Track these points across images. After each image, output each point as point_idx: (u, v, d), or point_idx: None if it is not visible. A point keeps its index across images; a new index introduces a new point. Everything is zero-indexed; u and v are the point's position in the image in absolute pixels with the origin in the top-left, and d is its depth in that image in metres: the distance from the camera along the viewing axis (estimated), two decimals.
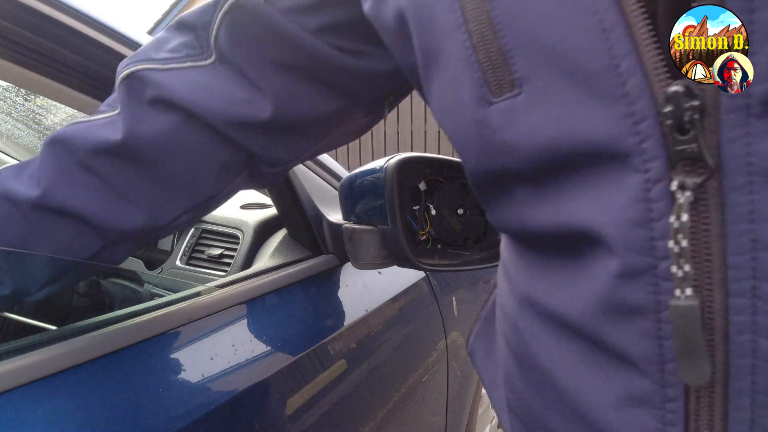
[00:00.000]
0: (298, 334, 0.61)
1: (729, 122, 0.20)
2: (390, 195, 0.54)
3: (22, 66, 0.44)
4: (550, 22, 0.22)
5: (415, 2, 0.28)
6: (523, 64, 0.24)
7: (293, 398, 0.54)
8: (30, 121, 1.34)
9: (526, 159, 0.25)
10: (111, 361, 0.42)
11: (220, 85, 0.40)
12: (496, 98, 0.25)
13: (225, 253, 0.86)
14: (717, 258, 0.21)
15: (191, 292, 0.55)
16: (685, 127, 0.20)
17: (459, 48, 0.26)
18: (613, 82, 0.21)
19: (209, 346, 0.50)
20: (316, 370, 0.59)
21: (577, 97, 0.22)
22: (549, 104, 0.23)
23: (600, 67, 0.21)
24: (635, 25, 0.21)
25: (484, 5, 0.24)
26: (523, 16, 0.23)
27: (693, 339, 0.21)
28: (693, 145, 0.20)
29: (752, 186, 0.20)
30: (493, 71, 0.25)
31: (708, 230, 0.21)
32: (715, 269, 0.21)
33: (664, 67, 0.21)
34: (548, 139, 0.24)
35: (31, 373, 0.37)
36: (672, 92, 0.20)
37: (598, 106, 0.22)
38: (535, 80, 0.24)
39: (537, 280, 0.28)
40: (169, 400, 0.43)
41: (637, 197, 0.22)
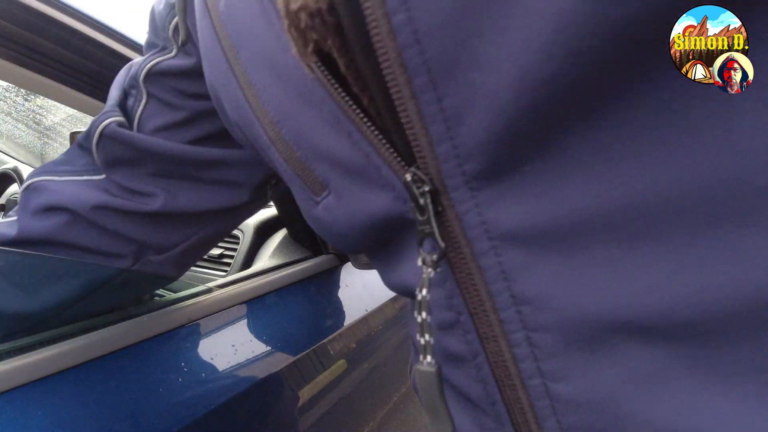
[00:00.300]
0: (298, 334, 0.61)
1: (458, 198, 0.22)
2: None
3: (22, 66, 0.44)
4: (317, 134, 0.26)
5: (242, 123, 0.31)
6: (319, 169, 0.27)
7: (293, 398, 0.54)
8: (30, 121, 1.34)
9: (361, 242, 0.29)
10: (111, 361, 0.42)
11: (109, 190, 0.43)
12: (317, 198, 0.29)
13: (225, 253, 0.86)
14: (491, 313, 0.23)
15: (191, 292, 0.55)
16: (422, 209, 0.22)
17: (280, 161, 0.29)
18: (374, 174, 0.24)
19: (209, 346, 0.50)
20: (316, 370, 0.59)
21: (362, 188, 0.25)
22: (349, 197, 0.26)
23: (360, 164, 0.24)
24: (363, 128, 0.23)
25: (276, 127, 0.28)
26: (301, 133, 0.27)
27: (434, 400, 0.23)
28: (427, 226, 0.22)
29: (496, 249, 0.22)
30: (306, 178, 0.28)
31: (478, 290, 0.23)
32: (494, 323, 0.23)
33: (396, 158, 0.23)
34: (361, 224, 0.27)
35: (31, 373, 0.37)
36: (406, 181, 0.22)
37: (377, 192, 0.25)
38: (332, 180, 0.27)
39: (411, 325, 0.32)
40: (169, 400, 0.43)
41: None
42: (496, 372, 0.24)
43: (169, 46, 0.42)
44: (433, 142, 0.21)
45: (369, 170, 0.24)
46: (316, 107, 0.25)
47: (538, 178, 0.20)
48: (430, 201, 0.22)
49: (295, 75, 0.25)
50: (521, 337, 0.22)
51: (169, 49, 0.42)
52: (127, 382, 0.42)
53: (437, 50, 0.19)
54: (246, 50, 0.28)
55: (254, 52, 0.27)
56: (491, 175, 0.21)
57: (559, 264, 0.21)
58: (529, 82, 0.17)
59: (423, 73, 0.20)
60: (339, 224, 0.28)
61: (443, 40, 0.19)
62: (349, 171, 0.25)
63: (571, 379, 0.22)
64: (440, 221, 0.23)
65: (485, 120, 0.19)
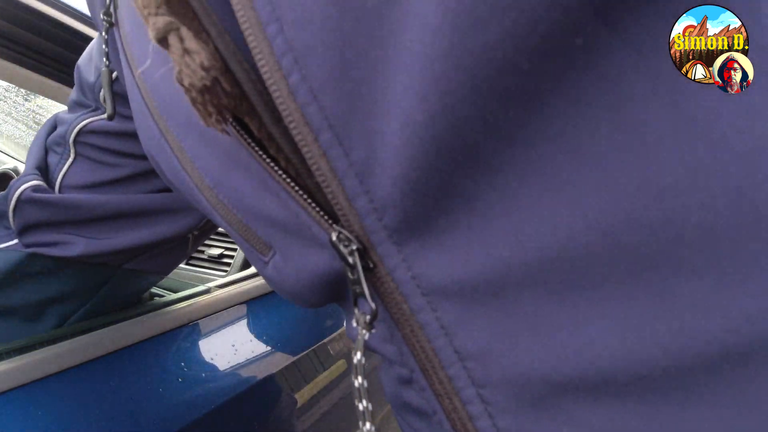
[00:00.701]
0: (298, 334, 0.61)
1: (384, 253, 0.21)
2: None
3: (22, 66, 0.44)
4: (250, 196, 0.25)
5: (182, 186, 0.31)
6: (260, 230, 0.26)
7: (293, 398, 0.54)
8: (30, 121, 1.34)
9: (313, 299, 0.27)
10: (111, 361, 0.42)
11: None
12: (265, 258, 0.28)
13: (225, 253, 0.86)
14: (440, 370, 0.22)
15: (191, 292, 0.55)
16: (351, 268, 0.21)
17: (224, 225, 0.29)
18: (307, 233, 0.23)
19: (209, 346, 0.50)
20: (316, 370, 0.59)
21: (301, 246, 0.25)
22: (292, 255, 0.26)
23: (293, 223, 0.24)
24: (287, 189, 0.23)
25: (213, 192, 0.27)
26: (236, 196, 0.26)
27: None
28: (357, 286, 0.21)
29: (432, 305, 0.21)
30: (251, 239, 0.28)
31: (423, 346, 0.22)
32: (443, 380, 0.22)
33: (323, 216, 0.22)
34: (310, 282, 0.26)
35: (31, 373, 0.37)
36: (332, 240, 0.21)
37: (315, 250, 0.24)
38: (275, 240, 0.26)
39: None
40: (169, 400, 0.43)
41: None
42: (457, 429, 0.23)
43: (101, 107, 0.43)
44: (350, 198, 0.20)
45: (302, 229, 0.23)
46: (243, 169, 0.25)
47: (454, 230, 0.19)
48: (359, 259, 0.21)
49: (221, 139, 0.25)
50: (472, 393, 0.21)
51: (101, 110, 0.43)
52: (127, 382, 0.42)
53: (332, 104, 0.19)
54: (174, 119, 0.27)
55: (181, 121, 0.27)
56: (409, 227, 0.20)
57: (494, 318, 0.20)
58: (415, 126, 0.17)
59: (326, 129, 0.19)
60: (288, 283, 0.27)
61: (336, 93, 0.18)
62: (286, 230, 0.25)
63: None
64: (375, 278, 0.22)
65: (389, 169, 0.19)
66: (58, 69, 0.46)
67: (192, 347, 0.49)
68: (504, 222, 0.18)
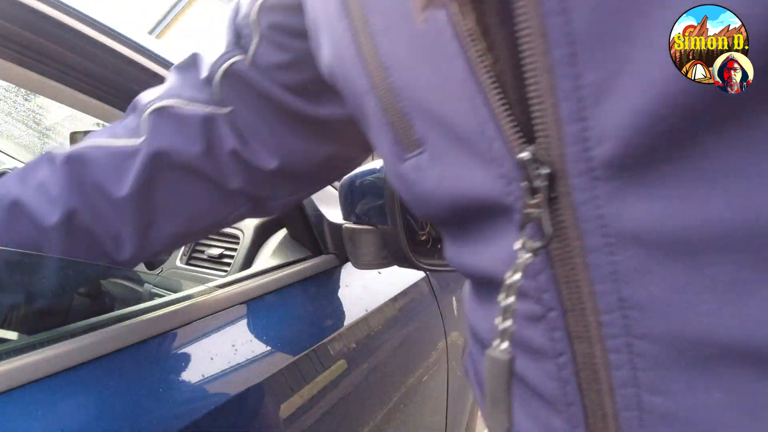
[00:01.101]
0: (298, 334, 0.61)
1: (578, 186, 0.20)
2: (390, 195, 0.54)
3: (22, 66, 0.44)
4: (431, 89, 0.24)
5: (339, 65, 0.30)
6: (420, 126, 0.26)
7: (293, 398, 0.54)
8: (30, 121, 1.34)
9: (437, 210, 0.27)
10: (111, 361, 0.42)
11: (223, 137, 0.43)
12: (407, 155, 0.27)
13: (225, 253, 0.86)
14: (591, 314, 0.21)
15: (191, 292, 0.55)
16: (534, 191, 0.21)
17: (374, 110, 0.28)
18: (483, 145, 0.23)
19: (209, 346, 0.50)
20: (316, 370, 0.59)
21: (463, 157, 0.24)
22: (445, 162, 0.25)
23: (471, 131, 0.23)
24: (489, 94, 0.21)
25: (384, 73, 0.26)
26: (413, 84, 0.25)
27: (499, 390, 0.22)
28: (535, 210, 0.21)
29: (611, 248, 0.20)
30: (401, 132, 0.27)
31: (579, 287, 0.21)
32: (590, 325, 0.21)
33: (517, 133, 0.21)
34: (449, 194, 0.25)
35: (31, 373, 0.37)
36: (523, 159, 0.21)
37: (479, 166, 0.23)
38: (432, 141, 0.26)
39: (474, 311, 0.30)
40: (169, 400, 0.43)
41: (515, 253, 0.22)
42: (581, 374, 0.22)
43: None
44: (562, 121, 0.19)
45: (479, 140, 0.22)
46: (441, 61, 0.23)
47: (677, 180, 0.18)
48: (547, 185, 0.20)
49: (422, 25, 0.23)
50: (621, 342, 0.21)
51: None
52: (127, 382, 0.42)
53: (586, 21, 0.18)
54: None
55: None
56: (622, 165, 0.19)
57: (682, 273, 0.19)
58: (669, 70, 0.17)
59: (564, 44, 0.18)
60: (423, 186, 0.27)
61: (594, 10, 0.17)
62: (456, 136, 0.24)
63: (670, 394, 0.20)
64: (551, 208, 0.21)
65: (632, 101, 0.18)
66: (58, 69, 0.46)
67: (192, 347, 0.49)
68: (732, 185, 0.18)
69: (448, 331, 0.92)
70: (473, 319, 0.31)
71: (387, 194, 0.54)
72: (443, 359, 0.90)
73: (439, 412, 0.91)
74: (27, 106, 1.31)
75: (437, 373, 0.88)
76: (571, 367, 0.23)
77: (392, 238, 0.55)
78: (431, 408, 0.88)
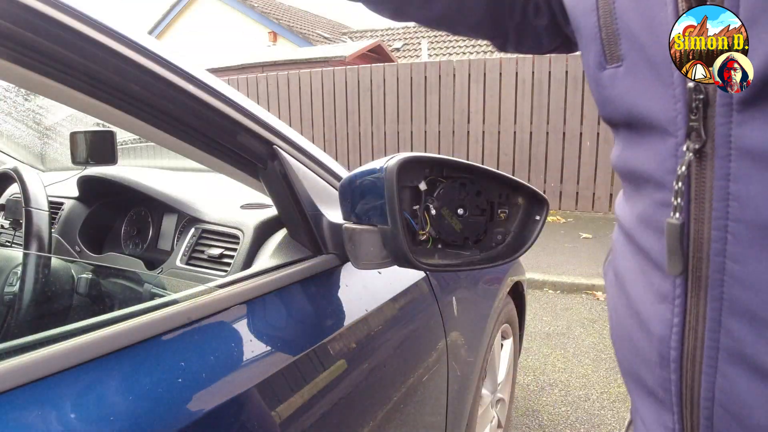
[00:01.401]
0: (298, 334, 0.61)
1: (720, 112, 0.30)
2: (390, 195, 0.54)
3: (22, 66, 0.44)
4: (641, 16, 0.34)
5: None
6: (625, 45, 0.35)
7: (293, 398, 0.54)
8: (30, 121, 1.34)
9: (618, 112, 0.38)
10: (111, 361, 0.42)
11: None
12: (608, 65, 0.37)
13: (225, 253, 0.86)
14: (708, 201, 0.32)
15: (191, 292, 0.55)
16: (694, 111, 0.31)
17: (591, 26, 0.38)
18: (666, 72, 0.32)
19: (209, 346, 0.50)
20: (316, 370, 0.59)
21: (650, 77, 0.34)
22: (636, 78, 0.35)
23: (662, 60, 0.32)
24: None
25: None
26: (627, 9, 0.34)
27: (675, 245, 0.33)
28: (696, 123, 0.31)
29: (731, 157, 0.30)
30: (609, 46, 0.37)
31: (704, 182, 0.32)
32: (706, 209, 0.32)
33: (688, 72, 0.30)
34: (632, 101, 0.36)
35: (31, 373, 0.37)
36: (690, 87, 0.31)
37: (660, 87, 0.33)
38: (631, 58, 0.35)
39: (622, 208, 0.42)
40: (169, 400, 0.43)
41: (670, 153, 0.34)
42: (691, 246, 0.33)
43: None
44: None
45: (665, 68, 0.32)
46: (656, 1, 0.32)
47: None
48: (702, 106, 0.31)
49: None
50: (722, 224, 0.31)
51: None
52: (127, 382, 0.42)
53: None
54: None
55: None
56: (751, 102, 0.28)
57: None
58: None
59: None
60: (613, 91, 0.37)
61: None
62: (649, 60, 0.33)
63: (746, 264, 0.30)
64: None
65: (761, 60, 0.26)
66: (58, 69, 0.46)
67: (192, 347, 0.49)
68: None
69: (448, 331, 0.92)
70: (621, 216, 0.42)
71: (387, 194, 0.54)
72: (443, 359, 0.90)
73: (439, 412, 0.91)
74: (27, 106, 1.31)
75: (437, 373, 0.88)
76: (685, 242, 0.33)
77: (392, 238, 0.55)
78: (431, 408, 0.88)
